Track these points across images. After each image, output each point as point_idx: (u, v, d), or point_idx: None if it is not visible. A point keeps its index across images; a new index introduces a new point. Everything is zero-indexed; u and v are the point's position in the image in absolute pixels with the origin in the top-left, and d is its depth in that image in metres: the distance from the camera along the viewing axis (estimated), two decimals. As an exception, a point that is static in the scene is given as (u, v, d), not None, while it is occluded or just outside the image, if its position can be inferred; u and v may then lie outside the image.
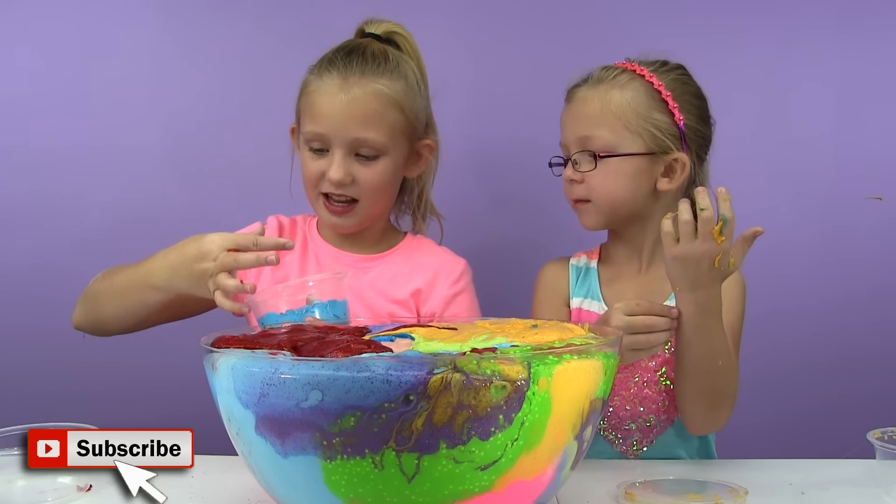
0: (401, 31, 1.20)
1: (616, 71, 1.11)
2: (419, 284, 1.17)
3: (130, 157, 1.50)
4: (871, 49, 1.50)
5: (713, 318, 0.95)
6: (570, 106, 1.14)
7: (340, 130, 1.10)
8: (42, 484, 0.83)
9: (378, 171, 1.12)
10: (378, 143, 1.10)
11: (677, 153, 1.09)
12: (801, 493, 0.87)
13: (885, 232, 1.50)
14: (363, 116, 1.09)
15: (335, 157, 1.10)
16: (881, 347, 1.51)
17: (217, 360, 0.68)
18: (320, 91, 1.11)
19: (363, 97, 1.09)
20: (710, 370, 0.97)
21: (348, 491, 0.63)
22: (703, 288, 0.93)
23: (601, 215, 1.12)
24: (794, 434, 1.47)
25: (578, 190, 1.11)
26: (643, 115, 1.08)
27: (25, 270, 1.51)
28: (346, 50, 1.14)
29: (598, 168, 1.09)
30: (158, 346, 1.47)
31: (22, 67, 1.50)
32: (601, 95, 1.10)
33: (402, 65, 1.15)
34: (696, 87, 1.14)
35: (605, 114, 1.09)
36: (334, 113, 1.09)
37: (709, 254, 0.91)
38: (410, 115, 1.14)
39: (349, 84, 1.10)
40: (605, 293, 1.15)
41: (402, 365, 0.60)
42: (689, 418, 1.04)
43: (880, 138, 1.51)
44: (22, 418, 0.87)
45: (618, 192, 1.09)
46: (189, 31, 1.50)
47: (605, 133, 1.08)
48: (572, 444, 0.68)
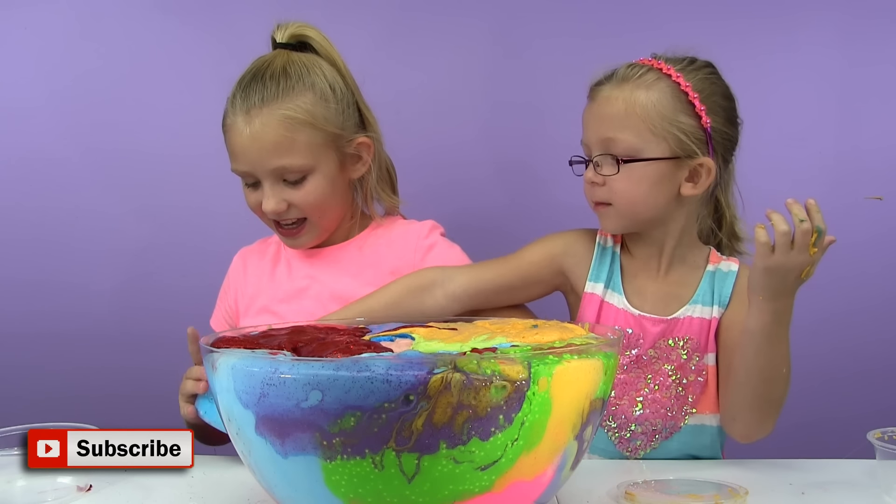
0: (309, 31, 1.16)
1: (642, 69, 1.06)
2: (392, 261, 1.16)
3: (130, 157, 1.51)
4: (871, 49, 1.50)
5: (785, 327, 0.95)
6: (592, 104, 1.08)
7: (257, 164, 1.09)
8: (42, 484, 0.83)
9: (309, 190, 1.11)
10: (297, 166, 1.09)
11: (703, 158, 1.04)
12: (801, 493, 0.87)
13: (885, 232, 1.50)
14: (273, 146, 1.08)
15: (265, 189, 1.10)
16: (881, 348, 1.51)
17: (217, 360, 0.68)
18: (231, 129, 1.10)
19: (266, 127, 1.07)
20: (774, 378, 0.97)
21: (348, 491, 0.63)
22: (783, 298, 0.93)
23: (623, 219, 1.07)
24: (794, 434, 1.47)
25: (600, 193, 1.06)
26: (669, 117, 1.03)
27: (25, 271, 1.51)
28: (249, 77, 1.12)
29: (620, 172, 1.04)
30: (158, 347, 1.47)
31: (21, 68, 1.50)
32: (626, 95, 1.04)
33: (308, 75, 1.11)
34: (725, 87, 1.09)
35: (630, 115, 1.04)
36: (246, 149, 1.08)
37: (800, 265, 0.91)
38: (326, 126, 1.11)
39: (251, 116, 1.08)
40: (627, 288, 1.10)
41: (402, 365, 0.60)
42: (741, 425, 1.03)
43: (880, 138, 1.51)
44: (22, 418, 0.87)
45: (640, 197, 1.05)
46: (189, 31, 1.50)
47: (628, 136, 1.03)
48: (572, 445, 0.68)
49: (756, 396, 0.99)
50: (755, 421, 1.01)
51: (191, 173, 1.51)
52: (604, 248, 1.13)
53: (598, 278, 1.11)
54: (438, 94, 1.51)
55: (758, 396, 0.99)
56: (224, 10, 1.50)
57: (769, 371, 0.97)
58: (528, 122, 1.50)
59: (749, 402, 1.00)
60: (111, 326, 1.51)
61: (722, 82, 1.09)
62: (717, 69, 1.10)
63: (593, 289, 1.10)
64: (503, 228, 1.50)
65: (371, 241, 1.19)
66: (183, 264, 1.50)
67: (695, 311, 1.08)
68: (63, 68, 1.50)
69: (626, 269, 1.12)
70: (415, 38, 1.50)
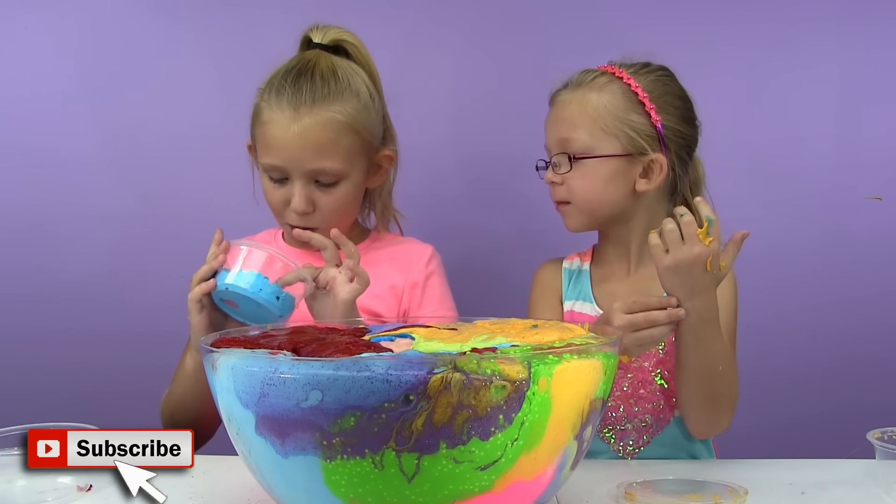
0: (349, 37, 1.16)
1: (595, 74, 1.13)
2: (393, 276, 1.17)
3: (129, 158, 1.51)
4: (871, 49, 1.50)
5: (712, 324, 0.96)
6: (552, 110, 1.15)
7: (296, 162, 1.08)
8: (42, 484, 0.83)
9: (338, 196, 1.11)
10: (335, 170, 1.09)
11: (654, 154, 1.09)
12: (801, 493, 0.87)
13: (884, 232, 1.50)
14: (317, 147, 1.07)
15: (296, 188, 1.09)
16: (881, 348, 1.51)
17: (217, 359, 0.68)
18: (272, 122, 1.08)
19: (315, 127, 1.07)
20: (711, 376, 0.98)
21: (348, 491, 0.63)
22: (699, 295, 0.94)
23: (582, 216, 1.13)
24: (794, 434, 1.47)
25: (559, 192, 1.13)
26: (620, 116, 1.09)
27: (25, 271, 1.51)
28: (295, 73, 1.10)
29: (574, 170, 1.10)
30: (158, 347, 1.47)
31: (21, 68, 1.50)
32: (579, 98, 1.11)
33: (353, 80, 1.11)
34: (679, 88, 1.14)
35: (583, 116, 1.10)
36: (288, 146, 1.07)
37: (699, 258, 0.92)
38: (366, 134, 1.11)
39: (300, 114, 1.07)
40: (597, 294, 1.16)
41: (402, 365, 0.60)
42: (693, 423, 1.05)
43: (880, 138, 1.51)
44: (22, 418, 0.87)
45: (595, 193, 1.10)
46: (188, 32, 1.50)
47: (582, 135, 1.09)
48: (572, 444, 0.68)
49: (698, 395, 1.01)
50: (704, 419, 1.03)
51: (191, 173, 1.51)
52: (571, 270, 1.19)
53: (569, 297, 1.17)
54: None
55: (700, 395, 1.00)
56: (225, 11, 1.50)
57: (706, 370, 0.98)
58: (500, 126, 1.50)
59: (693, 401, 1.02)
60: (111, 323, 1.51)
61: (676, 84, 1.14)
62: (671, 72, 1.15)
63: (566, 306, 1.17)
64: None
65: (371, 255, 1.18)
66: (183, 263, 1.49)
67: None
68: (62, 68, 1.50)
69: (595, 278, 1.17)
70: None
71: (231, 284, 0.97)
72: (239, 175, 1.48)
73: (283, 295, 0.98)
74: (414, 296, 1.17)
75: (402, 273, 1.18)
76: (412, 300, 1.17)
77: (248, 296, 0.97)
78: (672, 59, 1.16)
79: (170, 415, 1.13)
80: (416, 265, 1.19)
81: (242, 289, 0.97)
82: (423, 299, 1.17)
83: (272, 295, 0.97)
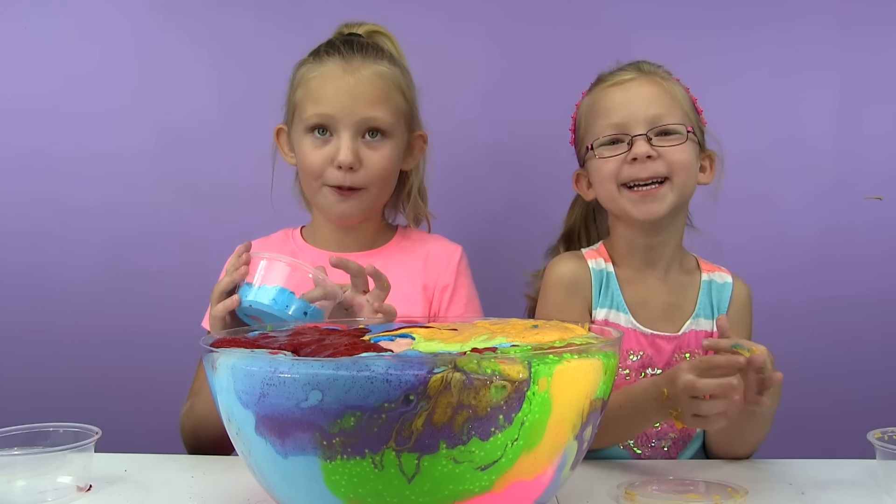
0: (383, 31, 1.20)
1: (658, 66, 1.12)
2: (423, 277, 1.17)
3: (129, 159, 1.51)
4: (871, 49, 1.50)
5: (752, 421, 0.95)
6: (625, 90, 1.08)
7: (348, 110, 1.09)
8: (42, 484, 0.83)
9: (384, 154, 1.12)
10: (386, 122, 1.11)
11: (710, 151, 1.11)
12: (801, 493, 0.87)
13: (884, 232, 1.50)
14: (371, 96, 1.10)
15: (343, 140, 1.10)
16: (881, 347, 1.51)
17: (217, 359, 0.68)
18: (323, 75, 1.11)
19: (369, 77, 1.10)
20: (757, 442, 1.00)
21: (348, 491, 0.63)
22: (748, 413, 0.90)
23: (674, 195, 1.05)
24: (794, 434, 1.47)
25: (657, 166, 1.04)
26: (691, 107, 1.10)
27: (25, 272, 1.51)
28: (341, 40, 1.14)
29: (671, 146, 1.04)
30: (159, 347, 1.47)
31: (20, 69, 1.50)
32: (661, 82, 1.09)
33: (395, 54, 1.17)
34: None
35: (673, 98, 1.08)
36: (341, 93, 1.09)
37: (734, 406, 0.87)
38: (410, 101, 1.15)
39: (353, 67, 1.11)
40: (629, 300, 1.09)
41: (402, 364, 0.60)
42: (720, 455, 1.05)
43: (880, 138, 1.51)
44: (22, 418, 0.87)
45: (692, 170, 1.07)
46: (188, 32, 1.51)
47: (678, 114, 1.07)
48: (572, 444, 0.68)
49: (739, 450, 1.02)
50: (732, 456, 1.03)
51: (190, 172, 1.51)
52: (598, 271, 1.10)
53: (602, 305, 1.09)
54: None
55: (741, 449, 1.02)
56: (221, 11, 1.51)
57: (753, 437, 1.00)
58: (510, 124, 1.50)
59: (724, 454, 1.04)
60: (111, 323, 1.51)
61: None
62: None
63: (598, 315, 1.09)
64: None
65: (401, 254, 1.19)
66: (183, 263, 1.50)
67: (699, 325, 1.09)
68: (61, 68, 1.50)
69: (623, 280, 1.10)
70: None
71: (258, 302, 0.92)
72: (238, 175, 1.50)
73: (310, 310, 0.92)
74: (444, 298, 1.17)
75: (432, 274, 1.18)
76: (441, 302, 1.17)
77: (276, 314, 0.92)
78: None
79: (192, 431, 1.09)
80: (447, 267, 1.18)
81: (269, 306, 0.91)
82: (451, 301, 1.17)
83: (300, 311, 0.92)
